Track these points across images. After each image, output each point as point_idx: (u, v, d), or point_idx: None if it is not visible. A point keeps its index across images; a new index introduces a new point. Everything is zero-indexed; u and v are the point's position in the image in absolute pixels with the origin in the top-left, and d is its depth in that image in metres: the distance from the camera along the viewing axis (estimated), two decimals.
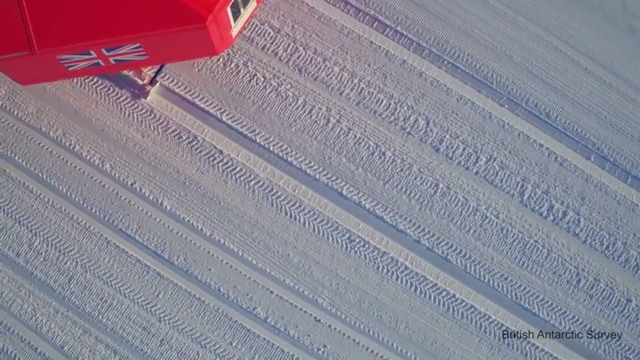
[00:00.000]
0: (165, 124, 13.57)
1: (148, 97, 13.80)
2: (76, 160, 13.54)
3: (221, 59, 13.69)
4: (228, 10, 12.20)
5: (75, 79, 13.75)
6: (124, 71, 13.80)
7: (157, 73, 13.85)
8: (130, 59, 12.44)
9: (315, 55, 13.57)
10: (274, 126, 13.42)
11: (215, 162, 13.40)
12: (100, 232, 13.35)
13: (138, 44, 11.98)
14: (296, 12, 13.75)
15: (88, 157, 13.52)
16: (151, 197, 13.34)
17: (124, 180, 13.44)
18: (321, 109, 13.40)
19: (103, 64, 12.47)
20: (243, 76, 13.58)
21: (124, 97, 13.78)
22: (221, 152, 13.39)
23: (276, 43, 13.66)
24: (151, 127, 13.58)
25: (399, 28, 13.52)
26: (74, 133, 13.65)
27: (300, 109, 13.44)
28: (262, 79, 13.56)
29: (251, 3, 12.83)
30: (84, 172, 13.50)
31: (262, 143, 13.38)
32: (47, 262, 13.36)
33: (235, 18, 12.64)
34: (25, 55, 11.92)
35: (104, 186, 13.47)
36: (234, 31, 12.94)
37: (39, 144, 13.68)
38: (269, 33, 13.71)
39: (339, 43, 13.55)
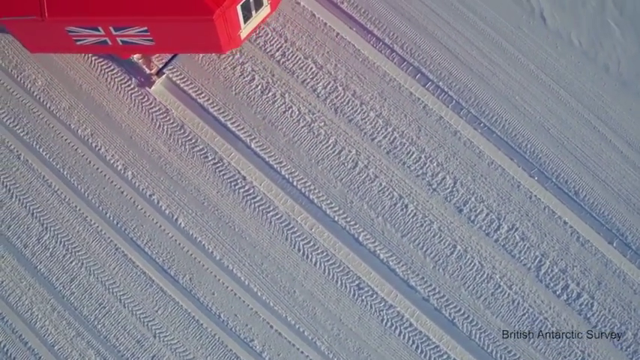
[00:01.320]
0: (193, 141, 13.61)
1: (153, 87, 14.03)
2: (99, 162, 13.59)
3: (260, 87, 13.76)
4: (239, 8, 12.30)
5: (114, 84, 13.87)
6: (135, 58, 14.03)
7: (166, 65, 14.10)
8: (136, 42, 12.58)
9: (354, 98, 13.61)
10: (301, 161, 13.41)
11: (237, 187, 13.39)
12: (110, 238, 13.33)
13: (145, 28, 12.13)
14: (341, 52, 13.84)
15: (111, 162, 13.58)
16: (167, 212, 13.33)
17: (143, 190, 13.45)
18: (350, 152, 13.39)
19: (110, 43, 12.59)
20: (279, 107, 13.63)
21: (157, 108, 13.87)
22: (244, 178, 13.38)
23: (317, 79, 13.72)
24: (179, 141, 13.62)
25: (440, 83, 13.57)
26: (102, 135, 13.72)
27: (329, 148, 13.43)
28: (297, 112, 13.61)
29: (264, 8, 12.92)
30: (105, 175, 13.54)
31: (287, 176, 13.36)
32: (53, 259, 13.32)
33: (246, 19, 12.74)
34: (34, 20, 12.07)
35: (122, 192, 13.48)
36: (244, 33, 13.01)
37: (66, 140, 13.76)
38: (311, 68, 13.79)
39: (379, 89, 13.60)
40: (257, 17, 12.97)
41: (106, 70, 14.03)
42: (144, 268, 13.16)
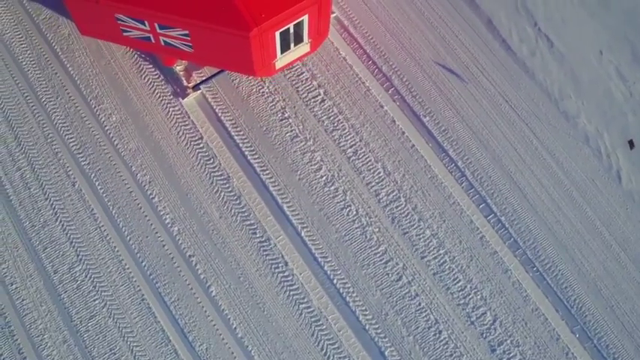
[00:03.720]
0: (246, 214, 13.69)
1: (185, 99, 14.49)
2: (149, 211, 13.74)
3: (325, 178, 13.87)
4: (277, 35, 12.67)
5: (184, 139, 14.11)
6: (177, 69, 14.63)
7: (203, 81, 14.66)
8: (177, 45, 13.08)
9: (414, 212, 13.58)
10: (347, 261, 13.34)
11: (277, 271, 13.33)
12: (139, 287, 13.32)
13: (187, 32, 12.61)
14: (413, 164, 13.92)
15: (161, 213, 13.70)
16: (202, 276, 13.29)
17: (184, 249, 13.48)
18: (397, 265, 13.27)
19: (153, 40, 13.13)
20: (338, 202, 13.67)
21: (220, 173, 14.02)
22: (286, 264, 13.34)
23: (382, 185, 13.77)
24: (233, 211, 13.71)
25: (503, 218, 13.46)
26: (159, 185, 13.91)
27: (378, 255, 13.35)
28: (355, 212, 13.60)
29: (303, 45, 13.25)
30: (152, 224, 13.65)
31: (329, 272, 13.27)
32: (78, 291, 13.35)
33: (283, 50, 13.08)
34: (89, 1, 12.61)
35: (164, 246, 13.53)
36: (278, 63, 13.33)
37: (123, 180, 13.98)
38: (379, 172, 13.86)
39: (441, 210, 13.56)
40: (295, 52, 13.43)
41: (180, 124, 14.36)
42: (164, 325, 13.07)
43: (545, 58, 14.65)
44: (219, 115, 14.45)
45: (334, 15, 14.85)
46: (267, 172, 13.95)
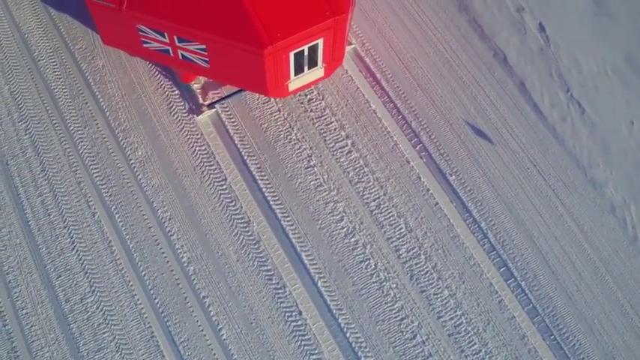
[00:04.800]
0: (264, 259, 13.65)
1: (200, 116, 14.72)
2: (166, 248, 13.73)
3: (345, 230, 13.83)
4: (291, 56, 12.86)
5: (208, 180, 14.14)
6: (194, 87, 14.92)
7: (219, 100, 14.91)
8: (194, 60, 13.31)
9: (433, 271, 13.48)
10: (362, 315, 13.21)
11: (289, 319, 13.23)
12: (150, 324, 13.25)
13: (204, 46, 12.83)
14: (435, 222, 13.87)
15: (178, 251, 13.70)
16: (214, 318, 13.21)
17: (198, 289, 13.43)
18: (413, 323, 13.11)
19: (171, 54, 13.39)
20: (357, 255, 13.61)
21: (241, 217, 14.05)
22: (300, 313, 13.23)
23: (403, 241, 13.72)
24: (250, 255, 13.67)
25: (523, 283, 13.32)
26: (179, 223, 13.94)
27: (393, 312, 13.21)
28: (373, 266, 13.53)
29: (317, 70, 13.44)
30: (168, 262, 13.63)
31: (342, 325, 13.14)
32: (88, 323, 13.30)
33: (296, 72, 13.27)
34: (113, 9, 12.93)
35: (178, 284, 13.51)
36: (291, 86, 13.52)
37: (143, 215, 14.03)
38: (401, 228, 13.82)
39: (460, 270, 13.46)
40: (308, 75, 13.66)
41: (205, 164, 14.42)
42: None
43: (576, 125, 14.64)
44: (245, 158, 14.52)
45: (361, 65, 15.06)
46: (289, 218, 13.97)
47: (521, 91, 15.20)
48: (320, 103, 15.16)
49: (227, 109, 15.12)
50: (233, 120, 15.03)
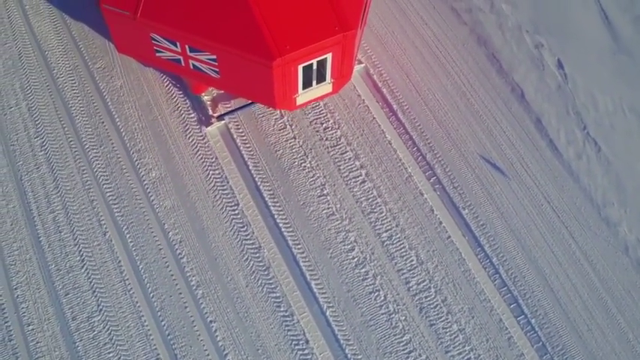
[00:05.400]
0: (273, 286, 13.64)
1: (209, 127, 14.95)
2: (175, 270, 13.75)
3: (356, 260, 13.81)
4: (300, 69, 12.96)
5: (220, 203, 14.19)
6: (204, 98, 15.11)
7: (228, 112, 15.09)
8: (204, 70, 13.42)
9: (443, 304, 13.43)
10: (369, 346, 13.13)
11: (296, 347, 13.18)
12: (156, 345, 13.22)
13: (214, 57, 12.97)
14: (447, 255, 13.84)
15: (188, 274, 13.72)
16: (220, 343, 13.18)
17: (206, 313, 13.42)
18: (420, 356, 13.01)
19: (183, 63, 13.52)
20: (367, 286, 13.58)
21: (252, 242, 14.07)
22: (307, 342, 13.17)
23: (413, 273, 13.68)
24: (260, 282, 13.65)
25: (533, 320, 13.22)
26: (189, 246, 13.96)
27: (401, 345, 13.13)
28: (383, 297, 13.49)
29: (325, 85, 13.55)
30: (177, 284, 13.64)
31: (349, 356, 13.05)
32: (94, 342, 13.29)
33: (304, 85, 13.37)
34: (127, 17, 13.07)
35: (186, 307, 13.49)
36: (299, 100, 13.62)
37: (154, 236, 14.06)
38: (412, 260, 13.78)
39: (470, 305, 13.40)
40: (316, 90, 13.76)
41: (219, 188, 14.47)
42: None
43: (592, 163, 14.63)
44: (258, 183, 14.58)
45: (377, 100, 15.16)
46: (300, 246, 13.97)
47: (537, 127, 15.24)
48: (336, 132, 15.30)
49: (243, 136, 15.16)
50: (248, 145, 15.11)
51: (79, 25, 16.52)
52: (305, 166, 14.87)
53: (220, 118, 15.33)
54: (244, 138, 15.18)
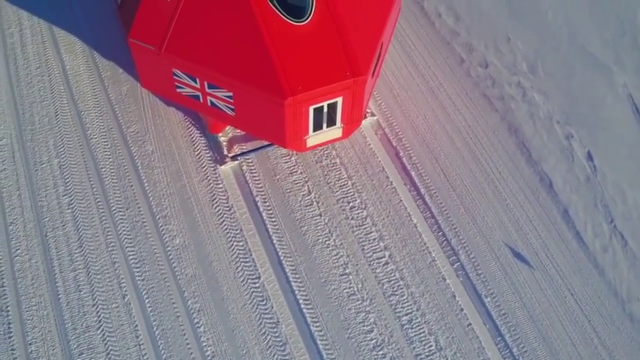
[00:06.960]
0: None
1: (223, 166, 15.42)
2: (192, 339, 13.65)
3: (374, 342, 13.69)
4: (311, 110, 13.19)
5: (242, 275, 14.28)
6: (221, 138, 15.59)
7: (243, 153, 15.53)
8: (221, 107, 13.75)
9: None
10: None
11: None
12: None
13: (231, 94, 13.26)
14: (466, 343, 13.65)
15: (204, 344, 13.63)
16: None
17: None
18: None
19: (201, 100, 13.88)
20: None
21: (271, 316, 14.06)
22: None
23: (431, 359, 13.90)
24: (275, 357, 13.56)
25: None
26: (207, 316, 13.92)
27: None
28: None
29: (335, 129, 13.82)
30: (191, 353, 13.57)
31: None
32: None
33: (315, 128, 13.59)
34: (152, 51, 13.50)
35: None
36: (310, 141, 13.89)
37: (173, 303, 14.10)
38: (431, 346, 13.62)
39: None
40: (326, 133, 14.02)
41: (241, 261, 14.61)
42: None
43: (617, 257, 14.61)
44: (281, 258, 14.69)
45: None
46: (318, 324, 13.98)
47: (564, 218, 15.30)
48: (362, 212, 15.45)
49: (269, 210, 15.27)
50: (274, 219, 15.27)
51: (117, 88, 17.09)
52: (329, 244, 14.99)
53: (235, 158, 15.83)
54: (270, 212, 15.35)
